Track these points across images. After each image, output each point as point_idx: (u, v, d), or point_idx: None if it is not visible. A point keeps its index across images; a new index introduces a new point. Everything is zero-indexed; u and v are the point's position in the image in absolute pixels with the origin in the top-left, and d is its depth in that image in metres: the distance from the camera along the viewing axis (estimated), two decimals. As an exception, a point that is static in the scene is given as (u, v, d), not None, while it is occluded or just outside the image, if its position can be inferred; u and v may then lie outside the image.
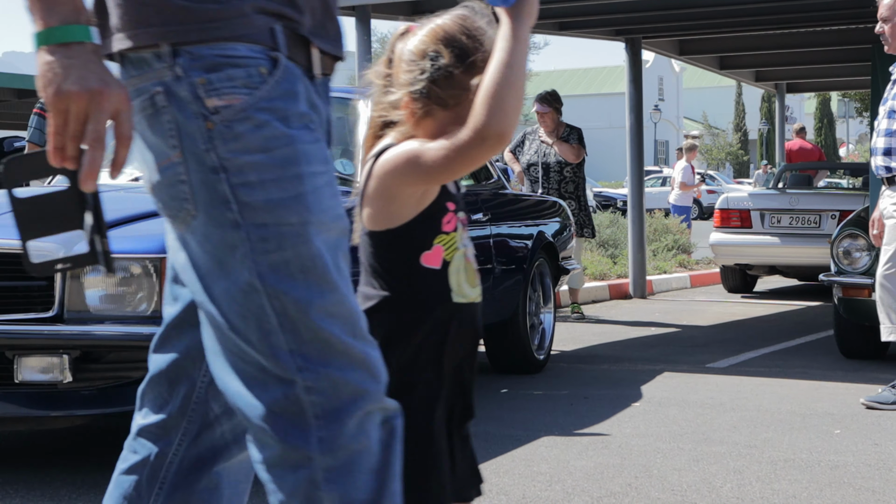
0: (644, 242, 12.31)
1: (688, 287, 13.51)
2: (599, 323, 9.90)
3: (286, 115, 1.89)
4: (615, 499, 4.18)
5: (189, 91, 1.86)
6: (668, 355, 7.93)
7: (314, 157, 1.92)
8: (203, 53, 1.86)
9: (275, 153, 1.87)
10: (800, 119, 75.29)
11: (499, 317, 6.71)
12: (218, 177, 1.87)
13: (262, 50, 1.89)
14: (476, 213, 6.45)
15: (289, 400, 1.90)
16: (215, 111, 1.86)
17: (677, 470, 4.61)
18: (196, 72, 1.86)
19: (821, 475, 4.55)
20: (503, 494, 4.22)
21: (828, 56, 15.17)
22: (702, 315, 10.61)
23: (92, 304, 4.18)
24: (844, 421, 5.64)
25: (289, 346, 1.89)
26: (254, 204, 1.87)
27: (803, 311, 11.01)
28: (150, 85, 1.88)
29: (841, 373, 7.17)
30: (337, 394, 1.90)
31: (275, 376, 1.90)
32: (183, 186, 1.91)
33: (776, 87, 18.89)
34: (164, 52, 1.87)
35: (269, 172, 1.87)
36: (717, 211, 12.28)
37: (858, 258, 7.41)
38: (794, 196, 11.92)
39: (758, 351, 8.18)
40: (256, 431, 1.94)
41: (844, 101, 54.19)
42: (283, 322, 1.88)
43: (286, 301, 1.88)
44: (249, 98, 1.87)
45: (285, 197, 1.87)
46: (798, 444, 5.12)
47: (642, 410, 5.87)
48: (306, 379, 1.89)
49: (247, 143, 1.86)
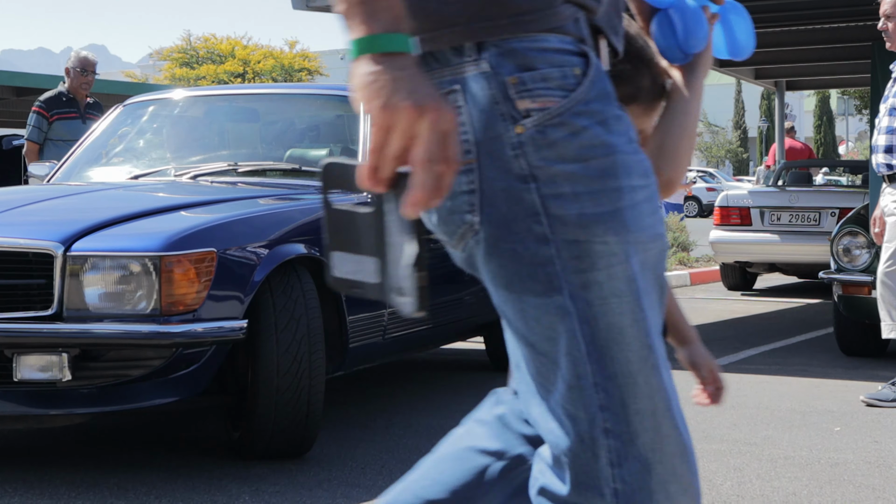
0: (644, 240, 12.28)
1: (687, 285, 13.50)
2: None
3: (604, 119, 1.71)
4: (615, 497, 4.17)
5: (498, 90, 1.69)
6: (668, 353, 7.91)
7: (634, 169, 1.72)
8: (514, 48, 1.70)
9: (591, 163, 1.69)
10: (799, 117, 75.31)
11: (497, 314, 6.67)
12: (527, 186, 1.69)
13: (572, 41, 1.73)
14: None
15: (584, 441, 1.71)
16: (527, 114, 1.68)
17: (677, 468, 4.60)
18: (506, 68, 1.69)
19: (821, 472, 4.54)
20: (503, 492, 4.21)
21: (827, 53, 15.16)
22: (701, 313, 10.60)
23: (91, 303, 4.17)
24: (844, 418, 5.63)
25: (594, 379, 1.70)
26: (566, 218, 1.68)
27: (803, 309, 11.00)
28: (445, 82, 1.72)
29: (841, 370, 7.17)
30: (636, 441, 1.71)
31: (573, 411, 1.71)
32: (469, 197, 1.72)
33: (776, 84, 18.87)
34: (467, 47, 1.70)
35: (585, 185, 1.69)
36: (717, 208, 12.28)
37: (858, 256, 7.40)
38: (793, 194, 11.91)
39: (758, 348, 8.18)
40: (549, 464, 1.77)
41: (844, 98, 54.24)
42: (590, 351, 1.70)
43: (596, 328, 1.70)
44: (566, 101, 1.69)
45: (601, 212, 1.69)
46: (798, 441, 5.12)
47: (642, 408, 5.86)
48: (606, 419, 1.70)
49: (562, 151, 1.68)
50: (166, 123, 6.36)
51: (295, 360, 4.42)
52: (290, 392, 4.42)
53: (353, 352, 5.10)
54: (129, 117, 6.31)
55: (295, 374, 4.42)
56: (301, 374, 4.44)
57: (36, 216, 4.57)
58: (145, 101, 6.41)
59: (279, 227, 4.69)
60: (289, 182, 5.53)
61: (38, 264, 4.20)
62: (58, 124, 7.95)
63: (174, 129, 6.33)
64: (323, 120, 6.25)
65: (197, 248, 4.25)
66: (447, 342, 6.71)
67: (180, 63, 51.91)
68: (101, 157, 6.10)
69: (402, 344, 5.71)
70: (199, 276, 4.23)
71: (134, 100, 6.41)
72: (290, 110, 6.34)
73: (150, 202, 4.93)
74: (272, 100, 6.49)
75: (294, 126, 6.27)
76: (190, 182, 5.55)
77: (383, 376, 6.90)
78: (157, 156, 6.06)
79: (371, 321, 5.22)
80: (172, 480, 4.34)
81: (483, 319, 6.53)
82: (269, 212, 4.87)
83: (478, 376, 6.87)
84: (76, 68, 8.00)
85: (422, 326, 5.79)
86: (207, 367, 4.33)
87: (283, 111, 6.35)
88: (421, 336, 5.92)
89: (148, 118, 6.36)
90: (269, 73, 50.05)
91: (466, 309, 6.28)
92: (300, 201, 5.13)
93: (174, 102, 6.44)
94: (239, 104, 6.48)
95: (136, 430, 5.37)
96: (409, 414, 5.69)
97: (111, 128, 6.24)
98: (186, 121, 6.36)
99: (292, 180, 5.54)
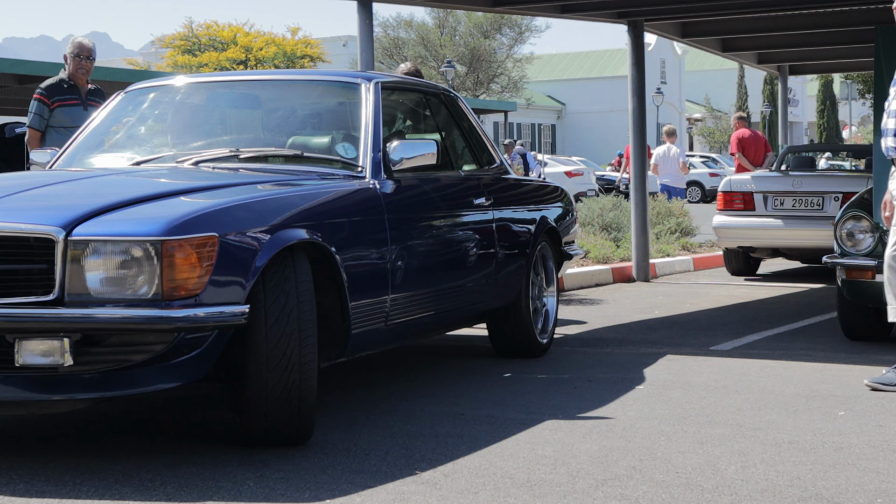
0: (647, 226, 12.29)
1: (691, 270, 13.49)
2: (603, 306, 9.89)
3: None
4: (619, 481, 4.17)
5: None
6: (672, 338, 7.92)
7: None
8: None
9: None
10: (802, 101, 75.25)
11: (502, 301, 6.67)
12: None
13: None
14: (479, 197, 6.43)
15: None
16: None
17: (682, 452, 4.60)
18: None
19: (825, 457, 4.53)
20: (507, 478, 4.21)
21: (830, 38, 15.13)
22: (705, 298, 10.59)
23: (93, 287, 4.15)
24: (849, 402, 5.62)
25: None
26: None
27: (807, 294, 10.99)
28: None
29: (845, 355, 7.16)
30: None
31: None
32: None
33: (779, 69, 18.84)
34: None
35: None
36: (720, 193, 12.26)
37: (862, 240, 7.38)
38: (797, 178, 11.89)
39: (761, 333, 8.17)
40: None
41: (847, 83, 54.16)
42: None
43: None
44: None
45: None
46: (802, 425, 5.11)
47: (646, 393, 5.86)
48: None
49: None
50: (168, 110, 6.32)
51: (285, 352, 4.41)
52: (281, 384, 4.40)
53: (356, 338, 5.08)
54: (130, 104, 6.28)
55: (285, 367, 4.41)
56: (291, 365, 4.42)
57: (37, 201, 4.54)
58: (147, 88, 6.38)
59: (280, 212, 4.66)
60: (291, 168, 5.50)
61: (39, 249, 4.19)
62: (59, 111, 7.92)
63: (176, 115, 6.30)
64: (325, 107, 6.23)
65: (198, 233, 4.22)
66: (450, 329, 6.69)
67: (182, 50, 51.88)
68: (102, 144, 6.07)
69: (404, 331, 5.69)
70: (201, 261, 4.20)
71: (136, 86, 6.38)
72: (292, 97, 6.31)
73: (151, 187, 4.90)
74: (274, 86, 6.46)
75: (296, 113, 6.24)
76: (191, 168, 5.51)
77: (387, 362, 6.89)
78: (158, 142, 6.03)
79: (373, 307, 5.20)
80: (177, 466, 4.33)
81: (487, 306, 6.53)
82: (270, 197, 4.83)
83: (481, 363, 6.86)
84: (73, 54, 7.97)
85: (425, 313, 5.76)
86: (209, 353, 4.31)
87: (285, 98, 6.31)
88: (424, 323, 5.89)
89: (149, 104, 6.34)
90: (271, 59, 50.01)
91: (469, 296, 6.26)
92: (301, 187, 5.11)
93: (176, 89, 6.40)
94: (241, 91, 6.46)
95: (140, 416, 5.37)
96: (412, 400, 5.69)
97: (113, 114, 6.21)
98: (188, 107, 6.33)
99: (294, 166, 5.51)
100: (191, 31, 51.90)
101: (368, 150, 5.56)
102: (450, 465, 4.38)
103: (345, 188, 5.29)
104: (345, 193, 5.24)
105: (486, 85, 53.84)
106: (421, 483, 4.14)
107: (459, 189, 6.42)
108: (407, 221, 5.58)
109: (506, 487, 4.08)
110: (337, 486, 4.08)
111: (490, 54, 53.93)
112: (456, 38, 54.11)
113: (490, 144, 7.07)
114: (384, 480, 4.18)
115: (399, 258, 5.39)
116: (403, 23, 54.34)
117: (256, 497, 3.96)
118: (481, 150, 6.96)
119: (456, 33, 54.36)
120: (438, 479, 4.20)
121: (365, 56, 9.45)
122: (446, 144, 6.64)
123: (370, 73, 6.37)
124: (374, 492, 4.03)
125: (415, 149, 5.58)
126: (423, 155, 5.59)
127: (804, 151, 14.68)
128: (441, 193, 6.15)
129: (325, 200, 5.07)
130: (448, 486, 4.11)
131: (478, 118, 7.15)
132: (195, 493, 4.00)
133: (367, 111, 5.73)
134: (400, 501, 3.91)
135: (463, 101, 7.02)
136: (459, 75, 51.09)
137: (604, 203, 14.71)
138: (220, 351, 4.37)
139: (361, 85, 5.90)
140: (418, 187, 5.85)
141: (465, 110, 6.95)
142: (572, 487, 4.09)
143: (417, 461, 4.45)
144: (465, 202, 6.34)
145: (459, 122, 6.88)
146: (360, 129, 5.70)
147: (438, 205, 6.07)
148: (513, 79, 54.86)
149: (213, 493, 3.99)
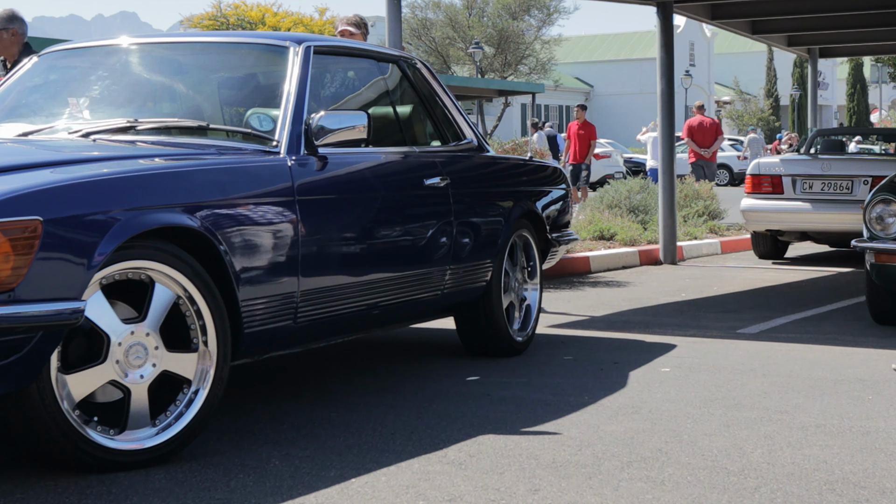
0: (675, 208, 12.25)
1: (718, 253, 13.45)
2: (630, 288, 9.87)
3: None
4: (645, 464, 4.16)
5: None
6: (699, 321, 7.90)
7: None
8: None
9: None
10: (832, 84, 74.81)
11: (466, 295, 6.02)
12: None
13: None
14: (432, 177, 5.68)
15: None
16: None
17: (708, 435, 4.59)
18: None
19: (852, 441, 4.52)
20: (533, 459, 4.21)
21: (861, 20, 15.02)
22: (732, 281, 10.56)
23: None
24: (876, 387, 5.60)
25: None
26: None
27: (835, 278, 10.94)
28: None
29: (873, 339, 7.12)
30: None
31: None
32: None
33: (809, 52, 18.73)
34: None
35: None
36: (749, 177, 12.21)
37: (891, 224, 7.34)
38: (826, 162, 11.83)
39: (789, 317, 8.14)
40: None
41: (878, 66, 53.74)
42: None
43: None
44: None
45: None
46: (829, 409, 5.09)
47: (673, 376, 5.85)
48: None
49: None
50: (77, 76, 5.65)
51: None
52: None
53: (251, 337, 4.49)
54: (41, 68, 5.63)
55: None
56: None
57: None
58: (61, 51, 5.70)
59: (144, 192, 4.04)
60: (192, 142, 4.81)
61: None
62: None
63: (83, 81, 5.62)
64: (247, 73, 5.58)
65: (13, 216, 3.57)
66: (395, 324, 6.01)
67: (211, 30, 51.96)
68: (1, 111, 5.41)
69: (325, 327, 5.03)
70: (15, 249, 3.57)
71: (49, 50, 5.74)
72: (213, 62, 5.60)
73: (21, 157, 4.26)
74: (195, 49, 5.65)
75: (213, 79, 5.56)
76: (75, 139, 4.84)
77: (412, 342, 6.90)
78: (58, 111, 5.37)
79: (276, 302, 4.58)
80: (203, 445, 4.34)
81: (448, 300, 5.94)
82: (135, 173, 4.12)
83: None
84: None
85: (351, 308, 5.10)
86: (34, 357, 3.66)
87: (206, 63, 5.60)
88: (352, 318, 5.19)
89: (61, 70, 5.69)
90: (299, 40, 49.94)
91: (415, 288, 5.61)
92: (192, 161, 4.51)
93: (91, 52, 5.71)
94: (159, 55, 5.66)
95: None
96: (439, 380, 5.70)
97: (22, 80, 5.59)
98: (100, 73, 5.59)
99: (198, 139, 4.83)
100: (219, 11, 51.92)
101: (287, 122, 4.87)
102: (475, 446, 4.39)
103: (243, 164, 4.61)
104: (240, 170, 4.55)
105: (514, 66, 53.71)
106: (446, 463, 4.15)
107: (405, 167, 5.64)
108: (328, 203, 4.89)
109: (531, 468, 4.08)
110: (363, 466, 4.09)
111: (518, 36, 53.77)
112: (484, 19, 53.96)
113: (461, 119, 6.28)
114: (409, 459, 4.19)
115: (313, 244, 4.73)
116: (431, 3, 54.23)
117: (282, 475, 3.97)
118: (447, 124, 6.19)
119: (484, 14, 54.22)
120: (464, 459, 4.20)
121: (393, 36, 9.43)
122: (399, 118, 5.94)
123: (304, 34, 5.60)
124: (399, 471, 4.04)
125: (341, 121, 4.89)
126: (350, 128, 4.90)
127: (833, 135, 14.58)
128: (378, 172, 5.41)
129: (210, 179, 4.37)
130: (473, 465, 4.11)
131: (451, 96, 6.36)
132: (220, 471, 4.02)
133: (291, 78, 5.05)
134: (425, 481, 3.92)
135: (429, 70, 6.25)
136: (487, 56, 51.01)
137: (631, 185, 14.67)
138: (51, 354, 3.75)
139: (290, 48, 5.19)
140: (348, 165, 5.13)
141: (430, 80, 6.19)
142: (598, 469, 4.09)
143: (443, 441, 4.46)
144: (412, 182, 5.58)
145: (421, 94, 6.11)
146: (280, 98, 5.01)
147: (373, 184, 5.29)
148: (541, 60, 54.70)
149: (239, 471, 4.01)
